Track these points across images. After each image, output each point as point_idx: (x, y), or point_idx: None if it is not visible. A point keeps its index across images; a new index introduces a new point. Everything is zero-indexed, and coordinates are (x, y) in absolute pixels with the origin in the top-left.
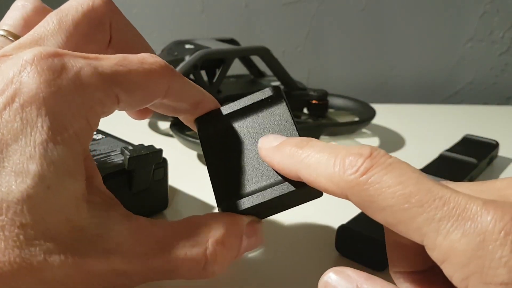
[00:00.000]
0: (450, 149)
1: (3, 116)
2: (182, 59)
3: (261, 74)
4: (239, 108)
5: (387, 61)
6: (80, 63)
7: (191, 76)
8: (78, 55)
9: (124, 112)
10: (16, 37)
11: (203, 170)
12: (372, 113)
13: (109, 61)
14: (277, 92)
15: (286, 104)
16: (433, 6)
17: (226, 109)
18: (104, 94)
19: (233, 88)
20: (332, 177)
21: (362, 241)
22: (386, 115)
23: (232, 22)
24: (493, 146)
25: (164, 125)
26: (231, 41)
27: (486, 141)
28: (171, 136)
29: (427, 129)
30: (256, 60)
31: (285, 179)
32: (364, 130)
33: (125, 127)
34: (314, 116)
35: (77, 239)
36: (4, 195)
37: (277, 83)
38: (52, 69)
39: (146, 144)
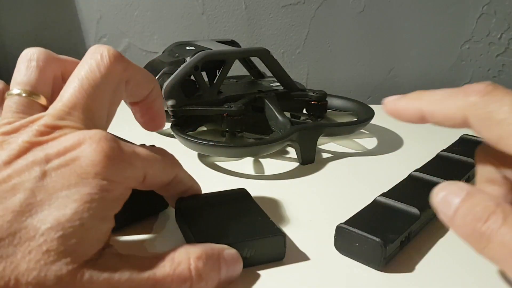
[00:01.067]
0: (447, 149)
1: (62, 171)
2: (183, 61)
3: (261, 75)
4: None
5: (385, 63)
6: (128, 147)
7: (192, 77)
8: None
9: (126, 113)
10: (31, 94)
11: (204, 170)
12: (371, 114)
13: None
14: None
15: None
16: (431, 7)
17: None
18: (137, 162)
19: (233, 89)
20: (455, 101)
21: (360, 240)
22: (384, 115)
23: (232, 23)
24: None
25: (165, 125)
26: (231, 43)
27: (483, 140)
28: (172, 136)
29: (425, 130)
30: (256, 61)
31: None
32: (362, 130)
33: (126, 127)
34: (313, 116)
35: (89, 268)
36: (41, 223)
37: (276, 83)
38: (109, 147)
39: (147, 145)
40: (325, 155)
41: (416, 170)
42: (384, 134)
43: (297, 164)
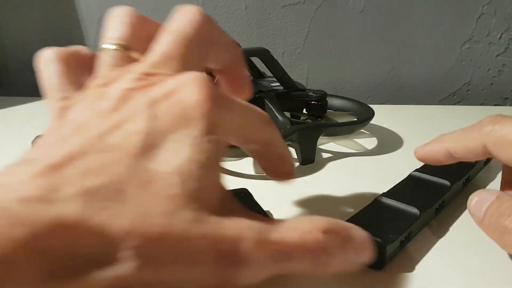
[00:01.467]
0: None
1: (171, 111)
2: None
3: (261, 75)
4: None
5: (385, 63)
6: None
7: None
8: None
9: None
10: (128, 49)
11: None
12: (371, 114)
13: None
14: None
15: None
16: (431, 8)
17: None
18: (236, 109)
19: None
20: (473, 134)
21: None
22: (384, 115)
23: (232, 24)
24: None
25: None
26: None
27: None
28: None
29: (425, 130)
30: (256, 61)
31: None
32: (362, 130)
33: None
34: (313, 116)
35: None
36: (163, 167)
37: (276, 83)
38: (211, 88)
39: None
40: (325, 155)
41: (416, 170)
42: (384, 134)
43: (297, 164)
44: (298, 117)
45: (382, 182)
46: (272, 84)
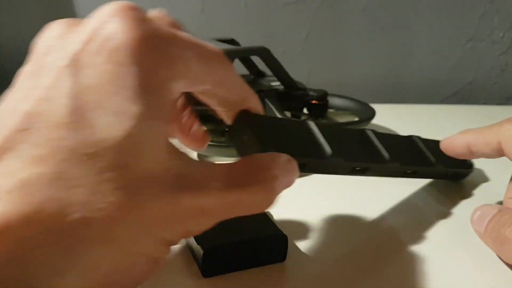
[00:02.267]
0: (424, 140)
1: (96, 61)
2: None
3: (261, 74)
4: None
5: (387, 62)
6: (157, 17)
7: None
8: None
9: None
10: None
11: None
12: (372, 113)
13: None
14: None
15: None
16: (433, 6)
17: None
18: (182, 50)
19: None
20: (492, 130)
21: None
22: (385, 115)
23: (232, 22)
24: (467, 165)
25: None
26: (231, 41)
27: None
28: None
29: (427, 129)
30: (256, 60)
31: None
32: None
33: None
34: (314, 116)
35: (169, 177)
36: (106, 135)
37: (277, 83)
38: (136, 18)
39: None
40: None
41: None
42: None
43: None
44: (298, 116)
45: (382, 182)
46: (272, 83)
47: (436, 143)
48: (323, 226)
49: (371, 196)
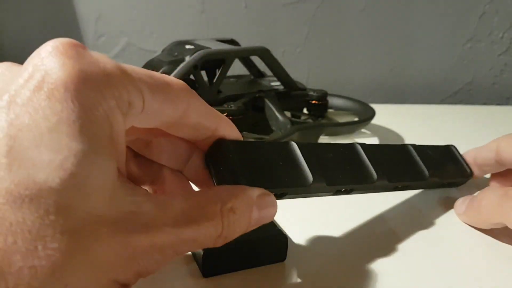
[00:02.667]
0: (418, 147)
1: (35, 98)
2: (182, 60)
3: (261, 74)
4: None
5: (386, 62)
6: (101, 55)
7: (191, 77)
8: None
9: None
10: None
11: None
12: (372, 113)
13: (129, 65)
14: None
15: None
16: (433, 6)
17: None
18: (129, 83)
19: (233, 88)
20: (492, 142)
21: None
22: (385, 115)
23: (232, 22)
24: (466, 174)
25: None
26: (231, 42)
27: (463, 166)
28: None
29: (427, 129)
30: (256, 60)
31: None
32: (363, 130)
33: None
34: (314, 116)
35: (118, 217)
36: (46, 175)
37: (277, 83)
38: (76, 54)
39: None
40: None
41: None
42: (386, 134)
43: None
44: (298, 116)
45: None
46: (272, 84)
47: (433, 149)
48: (323, 226)
49: (371, 196)
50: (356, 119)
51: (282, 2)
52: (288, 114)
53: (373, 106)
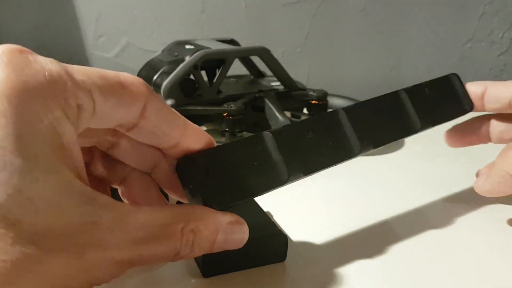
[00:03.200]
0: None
1: None
2: (182, 60)
3: (261, 74)
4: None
5: (386, 62)
6: (49, 60)
7: (191, 77)
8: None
9: None
10: None
11: None
12: None
13: (80, 66)
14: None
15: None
16: (433, 6)
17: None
18: (77, 87)
19: (233, 88)
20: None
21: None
22: None
23: (232, 22)
24: (463, 110)
25: None
26: (231, 42)
27: (462, 100)
28: None
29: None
30: (256, 60)
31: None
32: None
33: None
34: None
35: (72, 230)
36: None
37: (277, 83)
38: (20, 64)
39: None
40: None
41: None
42: None
43: None
44: (298, 116)
45: (383, 183)
46: (272, 84)
47: (431, 85)
48: (323, 226)
49: (371, 196)
50: None
51: (282, 2)
52: (288, 114)
53: None
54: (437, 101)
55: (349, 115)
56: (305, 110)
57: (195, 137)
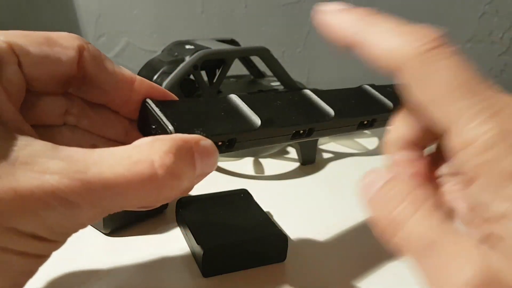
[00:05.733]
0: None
1: None
2: (182, 60)
3: (261, 74)
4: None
5: None
6: None
7: (191, 77)
8: None
9: None
10: None
11: None
12: None
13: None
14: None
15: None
16: (433, 6)
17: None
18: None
19: (233, 88)
20: (397, 43)
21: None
22: None
23: (232, 22)
24: None
25: None
26: (231, 42)
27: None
28: None
29: None
30: (256, 60)
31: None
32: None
33: None
34: None
35: (7, 163)
36: None
37: (277, 83)
38: None
39: None
40: (325, 155)
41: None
42: (386, 134)
43: (297, 164)
44: None
45: None
46: (272, 84)
47: (393, 87)
48: (323, 226)
49: None
50: None
51: (282, 2)
52: None
53: None
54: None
55: (316, 93)
56: None
57: (147, 89)
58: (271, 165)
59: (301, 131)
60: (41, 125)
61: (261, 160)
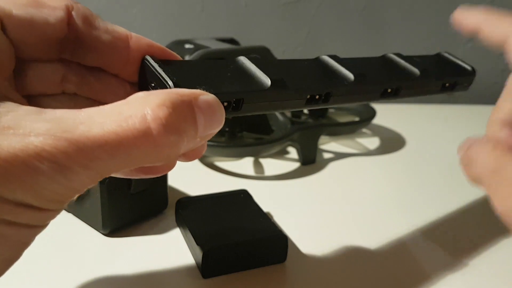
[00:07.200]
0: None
1: None
2: None
3: None
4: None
5: None
6: None
7: None
8: None
9: None
10: None
11: (203, 170)
12: (372, 113)
13: None
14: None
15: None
16: (433, 5)
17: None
18: None
19: None
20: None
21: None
22: (386, 115)
23: (232, 21)
24: (467, 72)
25: None
26: (231, 41)
27: (461, 65)
28: None
29: (427, 129)
30: None
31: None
32: (364, 130)
33: None
34: (314, 116)
35: None
36: None
37: None
38: None
39: None
40: (326, 155)
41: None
42: (386, 134)
43: (297, 164)
44: (298, 116)
45: (383, 183)
46: None
47: (424, 57)
48: (323, 226)
49: (372, 196)
50: (357, 119)
51: (282, 1)
52: (288, 114)
53: (374, 106)
54: (432, 63)
55: (335, 59)
56: (305, 110)
57: (145, 46)
58: (271, 165)
59: (317, 96)
60: (38, 95)
61: (261, 160)
